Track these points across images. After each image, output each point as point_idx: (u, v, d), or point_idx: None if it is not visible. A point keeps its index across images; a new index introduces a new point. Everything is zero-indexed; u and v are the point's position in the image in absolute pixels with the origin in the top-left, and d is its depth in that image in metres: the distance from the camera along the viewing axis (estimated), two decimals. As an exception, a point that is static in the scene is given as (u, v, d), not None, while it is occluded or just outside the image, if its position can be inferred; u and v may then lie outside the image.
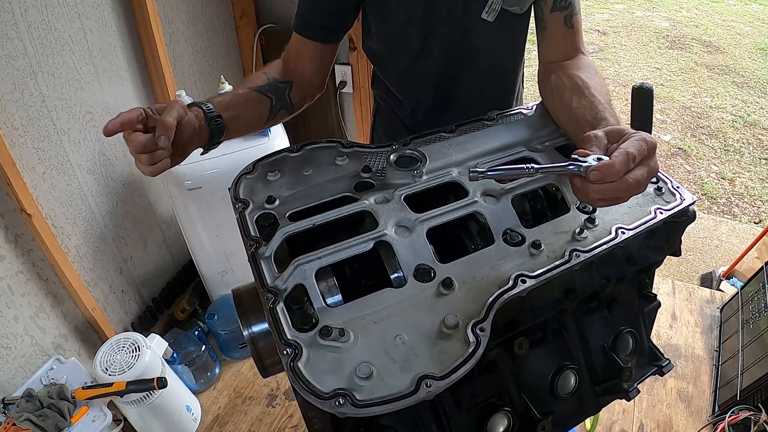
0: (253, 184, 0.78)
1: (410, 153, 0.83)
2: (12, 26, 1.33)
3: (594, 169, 0.57)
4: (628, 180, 0.57)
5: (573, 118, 0.79)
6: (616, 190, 0.57)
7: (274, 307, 0.60)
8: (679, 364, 1.99)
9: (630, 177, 0.57)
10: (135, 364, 1.50)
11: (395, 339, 0.57)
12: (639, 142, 0.58)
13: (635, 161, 0.57)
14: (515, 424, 0.69)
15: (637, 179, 0.57)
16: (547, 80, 0.90)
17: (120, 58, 1.68)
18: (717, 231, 3.19)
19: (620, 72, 5.30)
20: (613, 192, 0.58)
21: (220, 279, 1.98)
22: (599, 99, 0.76)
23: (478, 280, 0.64)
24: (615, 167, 0.56)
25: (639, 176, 0.57)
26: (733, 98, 4.82)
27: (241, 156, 1.68)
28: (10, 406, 1.38)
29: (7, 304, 1.45)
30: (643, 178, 0.58)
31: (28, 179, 1.43)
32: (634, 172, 0.57)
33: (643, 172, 0.58)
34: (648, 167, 0.58)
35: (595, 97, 0.76)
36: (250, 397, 1.91)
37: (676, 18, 6.67)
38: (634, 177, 0.57)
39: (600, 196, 0.59)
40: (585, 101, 0.77)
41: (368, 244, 0.67)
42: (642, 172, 0.58)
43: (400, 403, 0.52)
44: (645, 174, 0.58)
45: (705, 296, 2.32)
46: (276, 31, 2.18)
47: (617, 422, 1.81)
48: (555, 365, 0.75)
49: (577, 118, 0.78)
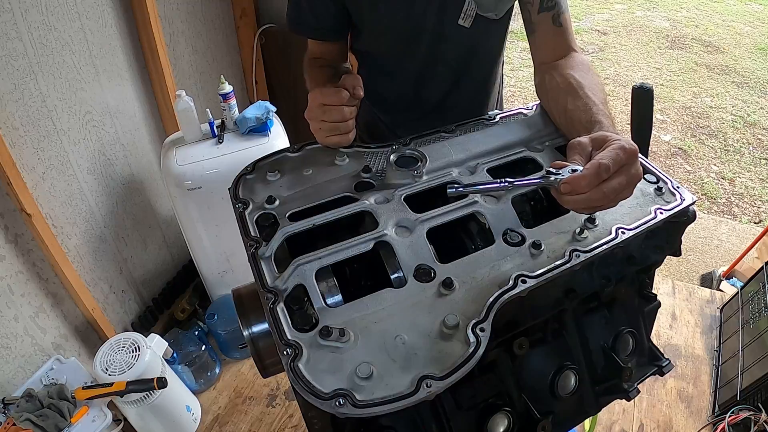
0: (253, 184, 0.78)
1: (410, 153, 0.83)
2: (12, 26, 1.33)
3: (564, 182, 0.59)
4: (602, 190, 0.57)
5: (568, 120, 0.79)
6: (588, 200, 0.58)
7: (275, 307, 0.60)
8: (679, 364, 1.99)
9: (605, 187, 0.58)
10: (135, 364, 1.49)
11: (395, 339, 0.57)
12: (616, 151, 0.58)
13: (609, 171, 0.57)
14: (515, 424, 0.69)
15: (613, 188, 0.58)
16: (542, 82, 0.90)
17: (120, 58, 1.68)
18: (717, 231, 3.19)
19: (620, 72, 5.30)
20: (586, 202, 0.59)
21: (220, 279, 1.98)
22: (593, 100, 0.75)
23: (478, 280, 0.64)
24: (585, 179, 0.57)
25: (615, 185, 0.58)
26: (733, 98, 4.82)
27: (241, 156, 1.68)
28: (10, 406, 1.38)
29: (7, 304, 1.45)
30: (620, 186, 0.58)
31: (28, 179, 1.43)
32: (609, 183, 0.58)
33: (621, 180, 0.58)
34: (627, 174, 0.59)
35: (589, 98, 0.76)
36: (250, 397, 1.91)
37: (676, 18, 6.67)
38: (610, 187, 0.58)
39: (574, 206, 0.60)
40: (579, 102, 0.77)
41: (368, 244, 0.66)
42: (619, 180, 0.58)
43: (400, 404, 0.52)
44: (623, 182, 0.58)
45: (705, 296, 2.32)
46: (276, 31, 2.19)
47: (617, 422, 1.81)
48: (555, 365, 0.75)
49: (572, 120, 0.78)
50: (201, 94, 2.07)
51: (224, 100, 1.72)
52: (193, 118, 1.68)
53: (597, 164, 0.57)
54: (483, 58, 1.05)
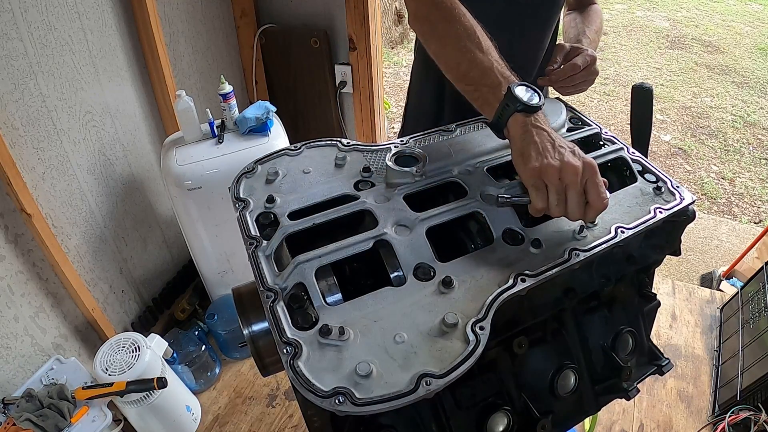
0: (253, 184, 0.78)
1: (410, 152, 0.83)
2: (12, 26, 1.33)
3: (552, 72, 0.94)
4: (573, 82, 0.94)
5: (566, 38, 1.09)
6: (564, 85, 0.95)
7: (274, 305, 0.60)
8: (679, 364, 1.99)
9: (575, 80, 0.93)
10: (135, 364, 1.49)
11: (395, 338, 0.57)
12: (584, 57, 0.92)
13: (577, 69, 0.92)
14: (515, 424, 0.69)
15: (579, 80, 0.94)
16: (564, 18, 1.18)
17: (120, 58, 1.68)
18: (717, 231, 3.19)
19: (620, 72, 5.31)
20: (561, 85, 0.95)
21: (220, 279, 1.98)
22: (585, 31, 1.05)
23: (477, 279, 0.64)
24: (564, 73, 0.93)
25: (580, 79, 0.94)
26: (733, 98, 4.82)
27: (241, 156, 1.68)
28: (10, 406, 1.38)
29: (7, 304, 1.45)
30: (582, 78, 0.94)
31: (28, 179, 1.43)
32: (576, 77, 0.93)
33: (584, 75, 0.93)
34: (588, 71, 0.93)
35: (584, 29, 1.06)
36: (250, 397, 1.91)
37: (676, 18, 6.67)
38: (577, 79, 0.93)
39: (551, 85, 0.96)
40: (578, 28, 1.07)
41: (368, 243, 0.67)
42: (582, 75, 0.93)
43: (399, 402, 0.52)
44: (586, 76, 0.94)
45: (705, 296, 2.32)
46: (276, 31, 2.19)
47: (617, 422, 1.81)
48: (555, 364, 0.75)
49: (567, 37, 1.09)
50: (201, 94, 2.07)
51: (224, 100, 1.72)
52: (193, 118, 1.68)
53: (572, 64, 0.91)
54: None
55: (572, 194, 0.65)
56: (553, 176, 0.64)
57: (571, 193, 0.65)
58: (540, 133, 0.68)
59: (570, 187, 0.64)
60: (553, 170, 0.64)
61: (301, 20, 2.15)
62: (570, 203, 0.65)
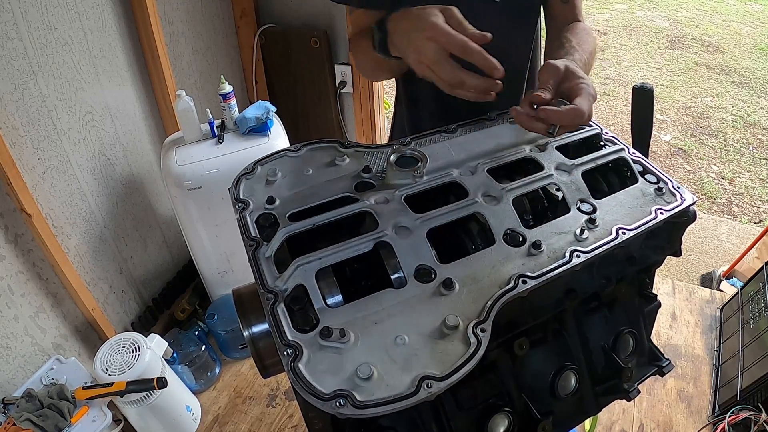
0: (253, 185, 0.78)
1: (410, 153, 0.83)
2: (12, 26, 1.33)
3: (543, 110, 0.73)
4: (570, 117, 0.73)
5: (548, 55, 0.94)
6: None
7: (275, 307, 0.60)
8: (679, 364, 1.99)
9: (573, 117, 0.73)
10: (135, 364, 1.49)
11: (396, 340, 0.57)
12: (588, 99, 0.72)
13: (584, 118, 0.72)
14: (515, 425, 0.69)
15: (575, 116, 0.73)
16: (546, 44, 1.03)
17: (120, 58, 1.68)
18: (717, 231, 3.19)
19: (620, 72, 5.31)
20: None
21: (220, 279, 1.98)
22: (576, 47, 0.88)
23: (478, 281, 0.64)
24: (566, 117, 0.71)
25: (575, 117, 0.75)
26: (733, 98, 4.82)
27: (241, 156, 1.68)
28: (10, 406, 1.38)
29: (7, 304, 1.45)
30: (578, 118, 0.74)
31: (28, 179, 1.43)
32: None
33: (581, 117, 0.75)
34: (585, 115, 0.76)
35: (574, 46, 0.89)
36: (250, 397, 1.91)
37: (676, 18, 6.67)
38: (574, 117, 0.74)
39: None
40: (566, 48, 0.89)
41: (369, 244, 0.66)
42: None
43: (400, 404, 0.52)
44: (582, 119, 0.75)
45: (705, 296, 2.32)
46: (276, 31, 2.18)
47: (617, 422, 1.81)
48: (555, 365, 0.75)
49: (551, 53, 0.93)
50: (201, 94, 2.07)
51: (224, 100, 1.72)
52: (193, 118, 1.68)
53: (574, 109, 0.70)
54: (516, 43, 1.07)
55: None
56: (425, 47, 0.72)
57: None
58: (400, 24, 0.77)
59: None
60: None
61: (301, 20, 2.15)
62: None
